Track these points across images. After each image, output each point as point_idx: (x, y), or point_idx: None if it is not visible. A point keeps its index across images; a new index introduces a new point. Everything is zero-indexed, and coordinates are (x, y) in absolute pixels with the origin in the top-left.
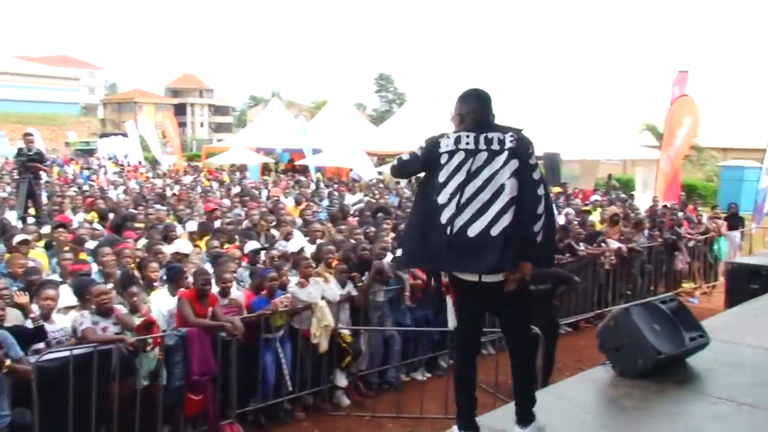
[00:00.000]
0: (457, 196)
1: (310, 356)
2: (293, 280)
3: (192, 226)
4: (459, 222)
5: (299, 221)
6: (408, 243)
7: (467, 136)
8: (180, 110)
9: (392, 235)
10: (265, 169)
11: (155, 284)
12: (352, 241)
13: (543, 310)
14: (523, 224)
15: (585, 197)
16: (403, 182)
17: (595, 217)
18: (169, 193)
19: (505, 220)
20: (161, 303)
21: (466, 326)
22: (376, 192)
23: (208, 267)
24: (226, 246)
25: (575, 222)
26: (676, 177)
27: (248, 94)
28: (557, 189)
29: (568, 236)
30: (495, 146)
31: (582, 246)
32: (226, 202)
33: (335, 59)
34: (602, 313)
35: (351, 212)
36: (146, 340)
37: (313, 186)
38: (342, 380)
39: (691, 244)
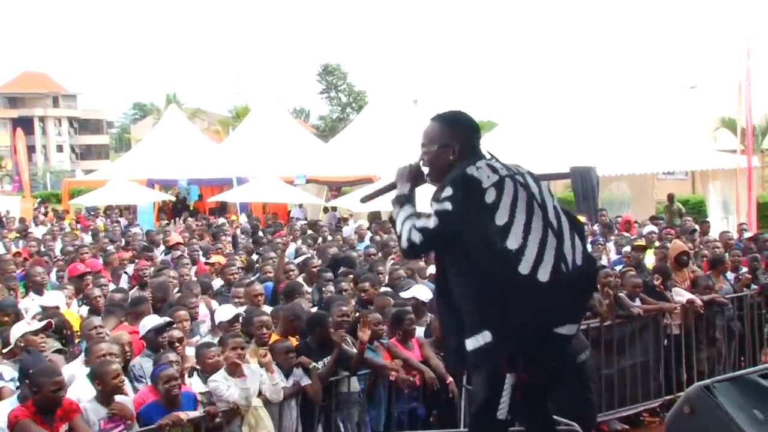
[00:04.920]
0: (534, 233)
1: None
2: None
3: (52, 299)
4: (548, 264)
5: (218, 283)
6: (494, 320)
7: (494, 161)
8: (24, 127)
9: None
10: (162, 210)
11: None
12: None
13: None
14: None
15: (625, 228)
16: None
17: (647, 258)
18: (2, 250)
19: (579, 246)
20: None
21: (523, 417)
22: (319, 237)
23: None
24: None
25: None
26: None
27: (130, 101)
28: (580, 219)
29: (609, 286)
30: (522, 170)
31: (637, 302)
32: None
33: (257, 47)
34: (673, 401)
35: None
36: None
37: (239, 231)
38: None
39: None
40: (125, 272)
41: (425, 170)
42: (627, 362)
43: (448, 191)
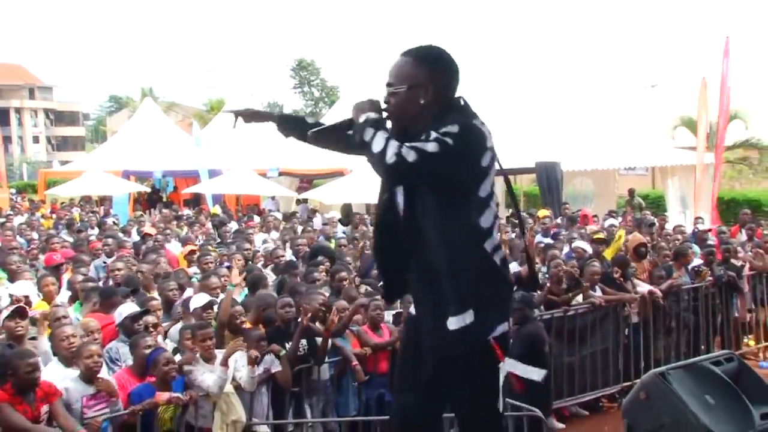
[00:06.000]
0: (496, 220)
1: None
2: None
3: (22, 288)
4: (501, 253)
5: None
6: (477, 296)
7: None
8: (0, 119)
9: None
10: (137, 201)
11: None
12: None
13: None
14: None
15: (582, 222)
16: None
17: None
18: None
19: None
20: None
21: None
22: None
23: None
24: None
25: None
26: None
27: (106, 93)
28: (544, 213)
29: (573, 277)
30: None
31: (598, 291)
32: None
33: (232, 41)
34: (631, 386)
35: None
36: None
37: (209, 224)
38: None
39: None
40: (104, 262)
41: (385, 115)
42: (588, 350)
43: (453, 128)
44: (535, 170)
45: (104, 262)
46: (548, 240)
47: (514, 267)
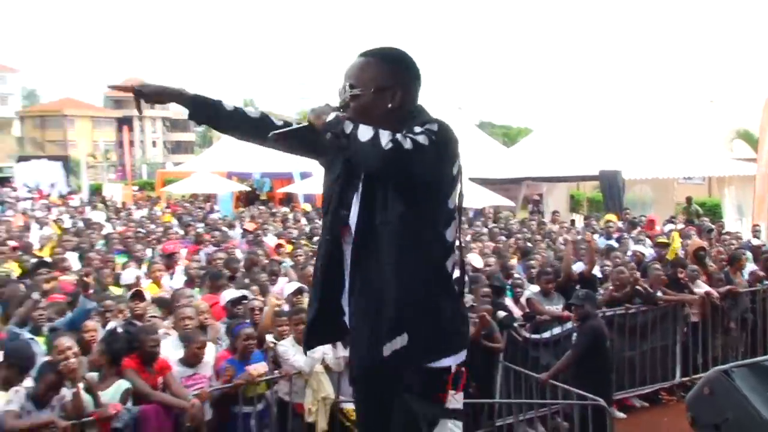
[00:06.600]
0: (459, 235)
1: None
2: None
3: (133, 274)
4: (458, 273)
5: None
6: (421, 322)
7: None
8: (125, 126)
9: None
10: (240, 199)
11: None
12: None
13: None
14: None
15: (649, 227)
16: None
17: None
18: (110, 229)
19: None
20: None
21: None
22: None
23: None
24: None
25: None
26: None
27: None
28: (611, 216)
29: (635, 279)
30: None
31: (659, 293)
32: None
33: (322, 58)
34: (690, 382)
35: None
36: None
37: (304, 220)
38: None
39: None
40: (205, 252)
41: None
42: (648, 346)
43: (433, 126)
44: (598, 178)
45: (209, 253)
46: (611, 242)
47: (579, 267)
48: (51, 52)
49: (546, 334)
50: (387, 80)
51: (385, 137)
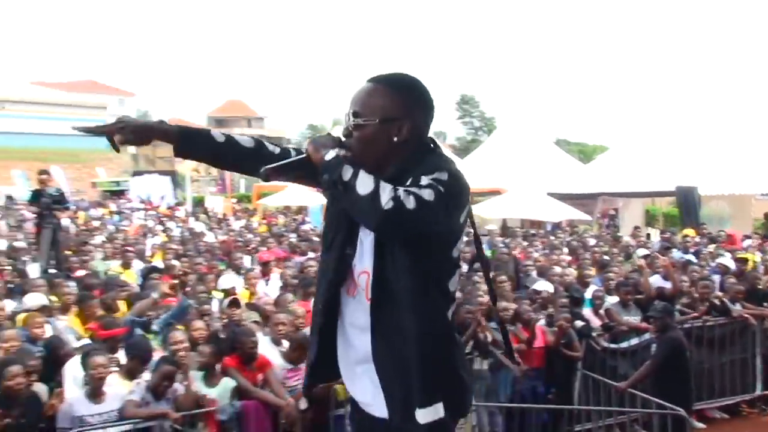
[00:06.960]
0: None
1: None
2: None
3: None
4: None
5: None
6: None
7: None
8: None
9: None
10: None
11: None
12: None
13: None
14: None
15: (731, 242)
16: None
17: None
18: (212, 238)
19: None
20: None
21: None
22: None
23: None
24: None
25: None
26: None
27: (305, 122)
28: (689, 231)
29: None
30: None
31: (738, 306)
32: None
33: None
34: None
35: None
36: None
37: None
38: None
39: None
40: (297, 260)
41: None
42: (727, 357)
43: (443, 175)
44: (674, 194)
45: (300, 261)
46: (688, 257)
47: (656, 280)
48: (161, 76)
49: (624, 344)
50: (394, 111)
51: (386, 194)
